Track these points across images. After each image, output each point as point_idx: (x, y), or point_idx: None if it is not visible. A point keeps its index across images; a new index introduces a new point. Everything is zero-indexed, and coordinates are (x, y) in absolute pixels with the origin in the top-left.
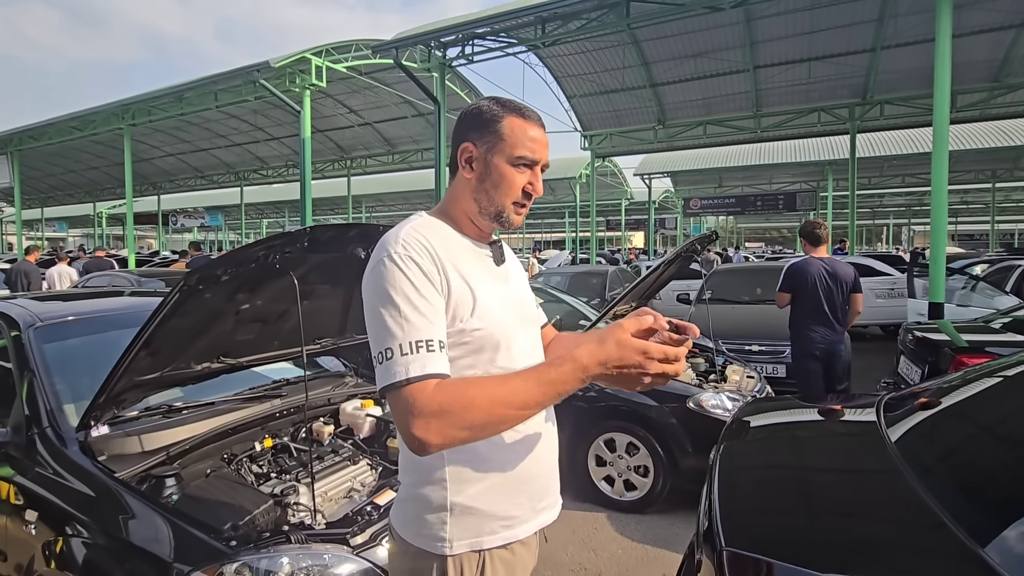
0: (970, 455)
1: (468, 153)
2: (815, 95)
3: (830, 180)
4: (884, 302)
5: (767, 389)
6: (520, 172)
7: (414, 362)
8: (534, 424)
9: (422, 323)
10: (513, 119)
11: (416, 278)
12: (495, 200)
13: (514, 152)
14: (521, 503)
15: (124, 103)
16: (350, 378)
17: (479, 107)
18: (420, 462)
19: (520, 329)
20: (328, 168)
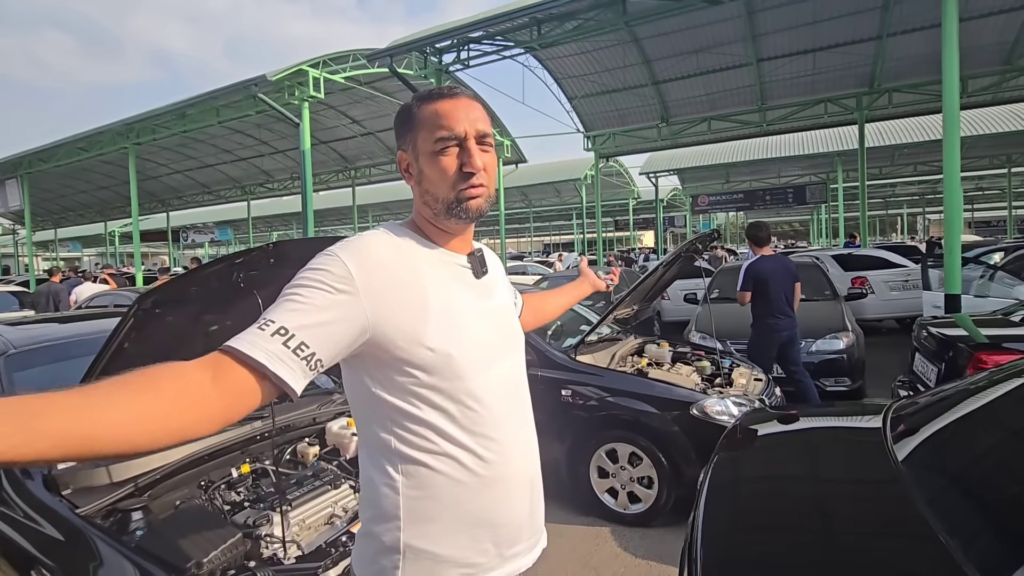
0: (982, 475)
1: (404, 163)
2: (821, 86)
3: (840, 171)
4: (899, 295)
5: (776, 390)
6: (447, 155)
7: (254, 336)
8: (506, 460)
9: (285, 307)
10: (423, 107)
11: (323, 275)
12: (438, 195)
13: (431, 138)
14: (485, 549)
15: (128, 122)
16: (338, 395)
17: (398, 112)
18: (376, 497)
19: (501, 350)
20: (333, 179)
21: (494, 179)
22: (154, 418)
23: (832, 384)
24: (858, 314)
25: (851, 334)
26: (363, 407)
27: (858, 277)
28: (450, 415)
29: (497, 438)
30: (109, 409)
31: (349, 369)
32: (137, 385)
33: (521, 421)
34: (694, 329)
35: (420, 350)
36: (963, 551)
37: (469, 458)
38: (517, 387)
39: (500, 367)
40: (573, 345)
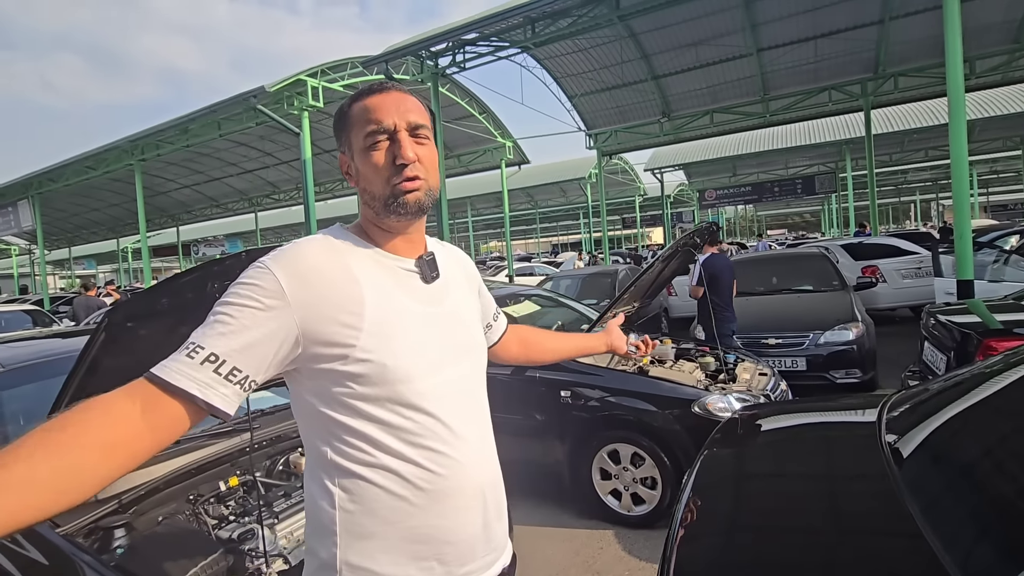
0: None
1: (344, 165)
2: (824, 73)
3: (848, 160)
4: (911, 282)
5: (782, 385)
6: (378, 150)
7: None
8: (454, 474)
9: (213, 331)
10: (354, 105)
11: (251, 291)
12: (374, 192)
13: (362, 134)
14: (430, 567)
15: (133, 139)
16: None
17: (335, 115)
18: (315, 511)
19: (450, 357)
20: (337, 187)
21: (434, 172)
22: (82, 474)
23: (842, 376)
24: (871, 304)
25: (860, 324)
26: (304, 419)
27: (869, 266)
28: (389, 426)
29: (443, 450)
30: (30, 487)
31: (289, 380)
32: (62, 444)
33: (475, 431)
34: (699, 325)
35: (353, 360)
36: (948, 550)
37: (411, 471)
38: (470, 395)
39: (448, 375)
40: None
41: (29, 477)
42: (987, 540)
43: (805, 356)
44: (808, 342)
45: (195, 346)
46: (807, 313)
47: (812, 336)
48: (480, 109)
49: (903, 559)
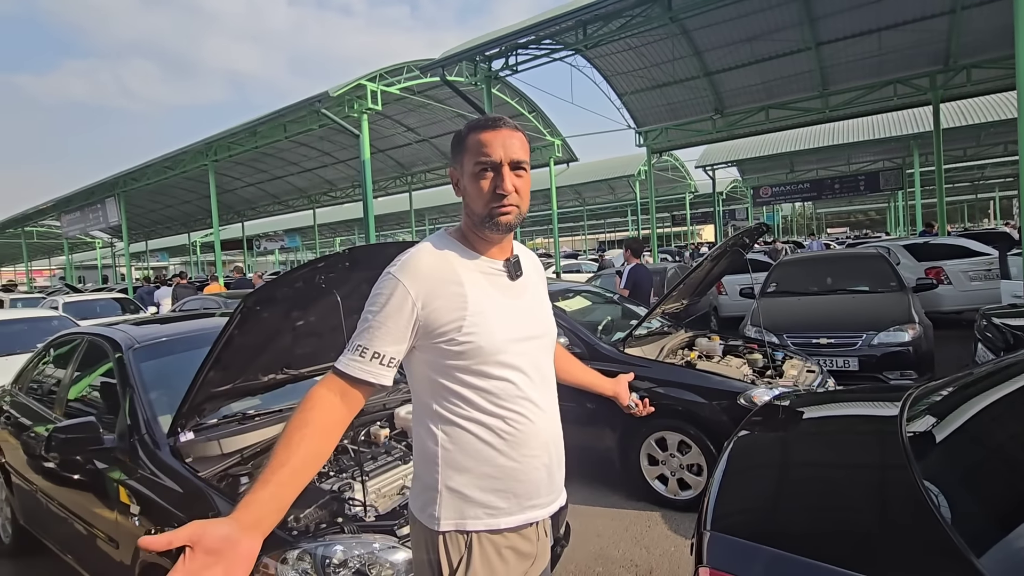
0: (982, 459)
1: (453, 178)
2: (889, 67)
3: (916, 156)
4: (980, 285)
5: (830, 382)
6: (484, 178)
7: (347, 360)
8: (529, 427)
9: (372, 334)
10: (470, 135)
11: (388, 299)
12: (475, 210)
13: (473, 162)
14: (506, 497)
15: (207, 141)
16: (404, 385)
17: (454, 136)
18: (424, 448)
19: (523, 342)
20: (391, 185)
21: (526, 199)
22: (326, 453)
23: (897, 378)
24: (934, 306)
25: (917, 326)
26: (416, 380)
27: (933, 267)
28: (480, 390)
29: (519, 411)
30: (305, 474)
31: (410, 354)
32: (306, 438)
33: (544, 398)
34: (749, 323)
35: (457, 341)
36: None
37: (495, 424)
38: (542, 369)
39: (526, 353)
40: (622, 339)
41: (300, 469)
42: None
43: (857, 356)
44: (861, 342)
45: (362, 348)
46: (861, 313)
47: (865, 336)
48: (530, 108)
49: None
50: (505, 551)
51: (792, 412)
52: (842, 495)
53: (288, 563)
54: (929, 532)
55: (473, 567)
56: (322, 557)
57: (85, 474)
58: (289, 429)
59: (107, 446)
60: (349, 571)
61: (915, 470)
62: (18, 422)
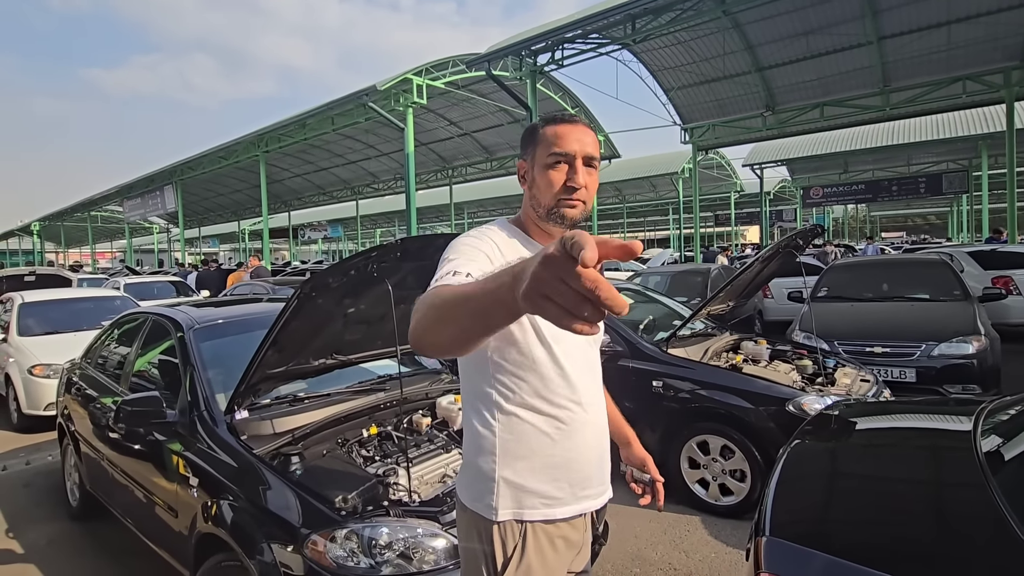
0: None
1: (521, 170)
2: (958, 62)
3: (984, 157)
4: None
5: (885, 392)
6: (557, 171)
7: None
8: (584, 417)
9: (458, 262)
10: (545, 128)
11: (469, 245)
12: (542, 201)
13: (546, 154)
14: (562, 487)
15: (259, 133)
16: (446, 375)
17: (526, 129)
18: (478, 437)
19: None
20: (432, 178)
21: (593, 197)
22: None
23: (958, 391)
24: (1001, 318)
25: (983, 338)
26: (474, 368)
27: (1000, 276)
28: (541, 377)
29: (576, 401)
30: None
31: None
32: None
33: (595, 388)
34: (798, 328)
35: (520, 328)
36: None
37: (554, 411)
38: (592, 362)
39: (580, 343)
40: (664, 339)
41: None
42: None
43: (915, 367)
44: (920, 353)
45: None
46: (921, 322)
47: (925, 347)
48: (573, 104)
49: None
50: (557, 540)
51: (851, 421)
52: (909, 508)
53: (336, 541)
54: (1007, 551)
55: (527, 556)
56: (368, 538)
57: (147, 445)
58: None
59: (169, 420)
60: (393, 553)
61: (993, 487)
62: (87, 394)
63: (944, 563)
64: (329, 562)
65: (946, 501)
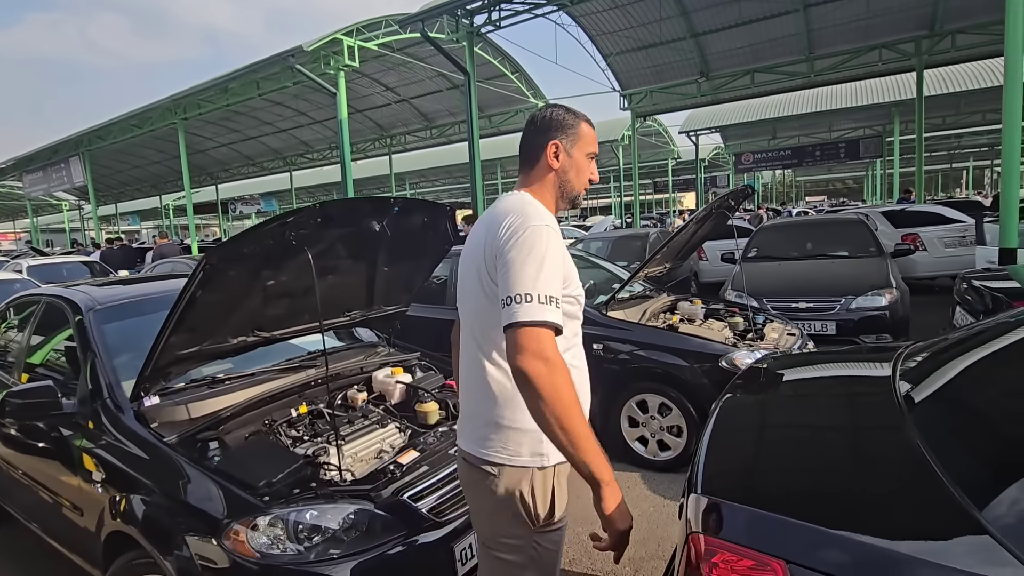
0: (980, 415)
1: (554, 149)
2: (876, 31)
3: (896, 123)
4: (954, 251)
5: (809, 345)
6: (590, 167)
7: (547, 311)
8: (585, 369)
9: (554, 284)
10: (586, 126)
11: (556, 249)
12: (576, 186)
13: (585, 151)
14: None
15: (175, 98)
16: (382, 348)
17: (558, 114)
18: (505, 395)
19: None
20: (369, 147)
21: None
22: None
23: (873, 341)
24: (908, 272)
25: (895, 291)
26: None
27: (909, 234)
28: (566, 336)
29: (581, 354)
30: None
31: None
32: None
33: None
34: (730, 288)
35: (570, 292)
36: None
37: (574, 361)
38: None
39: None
40: (604, 302)
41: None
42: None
43: (836, 320)
44: (840, 307)
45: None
46: (840, 278)
47: (844, 301)
48: (512, 68)
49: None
50: (568, 479)
51: (779, 373)
52: (835, 455)
53: (259, 529)
54: (929, 489)
55: (559, 495)
56: (295, 522)
57: (48, 440)
58: (574, 401)
59: (67, 411)
60: (323, 536)
61: (911, 428)
62: None
63: (866, 504)
64: (252, 551)
65: (869, 444)
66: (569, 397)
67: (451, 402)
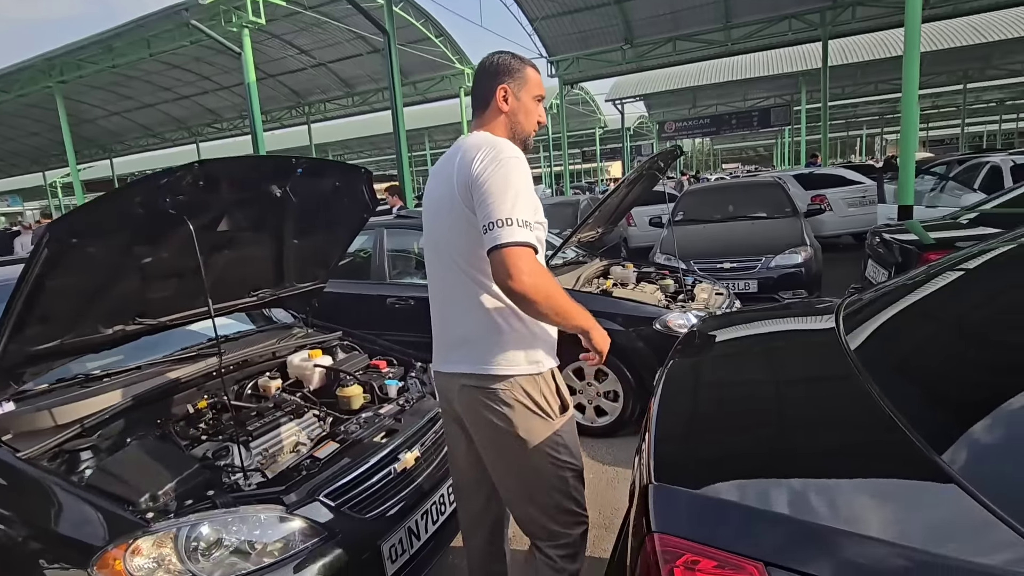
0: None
1: (504, 91)
2: (786, 1)
3: (803, 92)
4: (855, 210)
5: (736, 303)
6: (537, 109)
7: (526, 233)
8: None
9: (528, 211)
10: (531, 69)
11: (528, 180)
12: (526, 128)
13: (534, 94)
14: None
15: (48, 57)
16: (299, 329)
17: (505, 59)
18: (502, 314)
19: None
20: (286, 116)
21: None
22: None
23: (790, 297)
24: (817, 231)
25: (809, 248)
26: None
27: (817, 195)
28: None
29: None
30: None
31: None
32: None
33: None
34: (659, 251)
35: (539, 219)
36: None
37: None
38: None
39: None
40: None
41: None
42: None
43: (757, 278)
44: (760, 265)
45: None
46: (760, 238)
47: (764, 259)
48: (437, 32)
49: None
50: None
51: (724, 336)
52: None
53: (141, 552)
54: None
55: (563, 388)
56: (187, 538)
57: None
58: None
59: None
60: (226, 551)
61: (865, 378)
62: None
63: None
64: None
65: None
66: (556, 293)
67: (375, 384)
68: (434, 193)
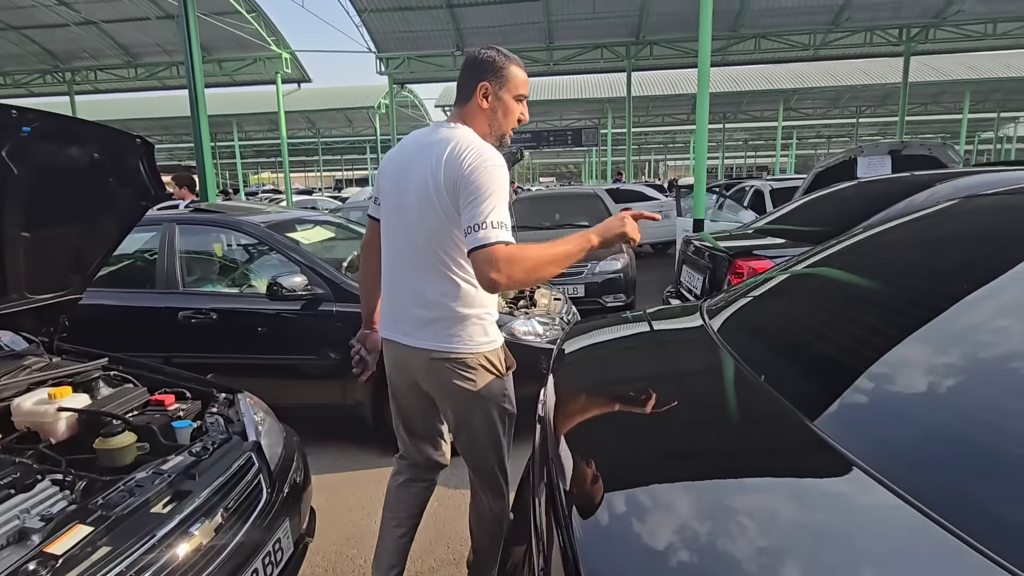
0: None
1: (485, 89)
2: (599, 31)
3: (610, 117)
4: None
5: (572, 308)
6: (519, 108)
7: (506, 233)
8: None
9: (506, 213)
10: (515, 68)
11: (506, 185)
12: (504, 126)
13: (516, 93)
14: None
15: None
16: (35, 358)
17: (489, 56)
18: (466, 294)
19: None
20: (37, 82)
21: None
22: None
23: (611, 300)
24: None
25: (626, 256)
26: (452, 244)
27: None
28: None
29: None
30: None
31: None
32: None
33: None
34: None
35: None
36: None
37: None
38: None
39: None
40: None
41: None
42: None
43: (584, 283)
44: (586, 271)
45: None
46: None
47: (589, 266)
48: (248, 8)
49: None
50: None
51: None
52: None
53: None
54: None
55: (508, 354)
56: None
57: None
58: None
59: None
60: None
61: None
62: None
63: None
64: None
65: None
66: (540, 258)
67: (157, 427)
68: (405, 175)
